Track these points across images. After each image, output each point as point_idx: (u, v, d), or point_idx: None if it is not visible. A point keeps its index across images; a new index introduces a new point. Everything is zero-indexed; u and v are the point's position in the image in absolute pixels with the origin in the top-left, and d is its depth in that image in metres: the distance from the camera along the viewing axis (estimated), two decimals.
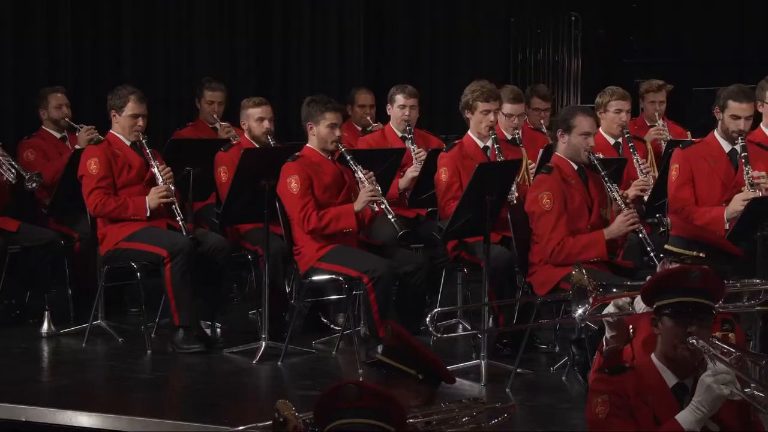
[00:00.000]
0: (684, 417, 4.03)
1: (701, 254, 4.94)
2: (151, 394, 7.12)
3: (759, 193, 7.12)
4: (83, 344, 8.01)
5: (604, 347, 4.75)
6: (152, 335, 8.03)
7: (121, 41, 10.98)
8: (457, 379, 6.39)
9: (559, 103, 12.99)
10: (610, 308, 4.79)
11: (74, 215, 8.51)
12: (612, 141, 8.58)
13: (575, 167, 7.28)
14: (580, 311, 4.78)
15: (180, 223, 7.78)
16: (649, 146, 8.81)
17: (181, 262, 7.68)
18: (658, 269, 5.12)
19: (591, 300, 4.88)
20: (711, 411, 4.03)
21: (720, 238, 5.75)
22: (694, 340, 4.11)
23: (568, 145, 7.25)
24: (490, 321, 7.70)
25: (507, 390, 6.95)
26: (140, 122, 8.00)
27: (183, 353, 7.73)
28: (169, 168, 7.95)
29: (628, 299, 4.84)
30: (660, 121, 9.25)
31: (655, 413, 4.12)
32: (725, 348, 4.32)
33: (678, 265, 4.85)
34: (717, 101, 7.49)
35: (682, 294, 4.20)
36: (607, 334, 4.75)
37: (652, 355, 4.29)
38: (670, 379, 4.21)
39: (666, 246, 5.16)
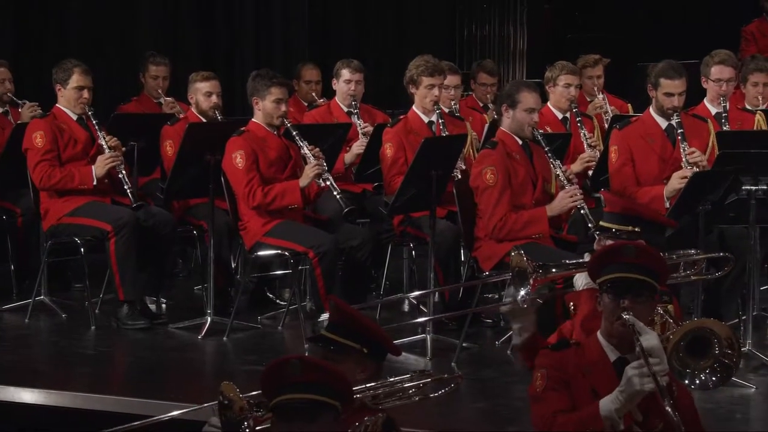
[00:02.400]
0: (604, 403, 4.05)
1: (636, 229, 4.98)
2: (95, 369, 7.08)
3: (696, 170, 7.18)
4: (26, 320, 7.95)
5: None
6: (96, 311, 7.98)
7: (65, 16, 10.85)
8: (403, 353, 6.42)
9: (506, 78, 13.02)
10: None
11: (17, 191, 8.42)
12: (560, 116, 8.62)
13: (520, 142, 7.31)
14: (522, 293, 4.80)
15: (128, 191, 7.71)
16: (596, 122, 8.86)
17: (125, 237, 7.64)
18: (594, 246, 5.14)
19: (532, 281, 4.91)
20: (630, 403, 4.03)
21: (652, 211, 5.81)
22: (627, 315, 4.13)
23: (513, 120, 7.27)
24: (436, 296, 7.73)
25: (452, 364, 6.98)
26: (85, 94, 7.94)
27: (127, 329, 7.69)
28: (115, 138, 7.88)
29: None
30: (599, 95, 9.30)
31: (594, 387, 4.15)
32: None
33: (613, 241, 4.88)
34: (648, 79, 7.52)
35: (619, 270, 4.23)
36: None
37: (598, 332, 4.32)
38: (612, 355, 4.24)
39: (600, 223, 5.20)
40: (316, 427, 3.67)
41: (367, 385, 4.13)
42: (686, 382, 4.06)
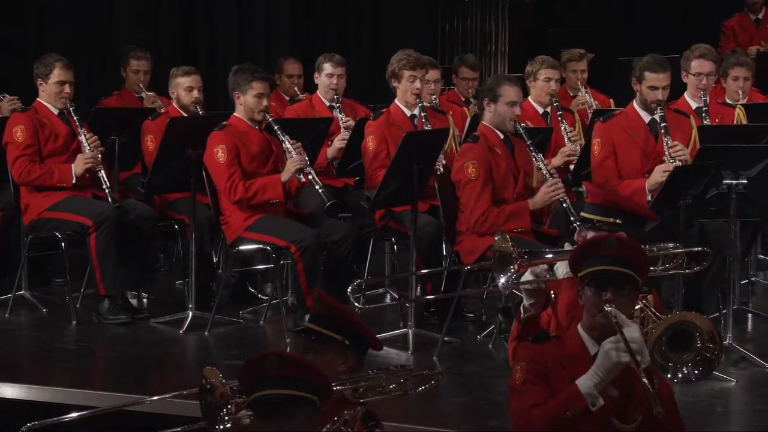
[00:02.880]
0: (582, 380, 4.06)
1: (617, 221, 4.99)
2: (76, 364, 7.07)
3: (679, 164, 7.20)
4: (7, 315, 7.91)
5: (522, 314, 4.78)
6: (77, 305, 7.96)
7: (46, 9, 10.81)
8: (384, 347, 6.45)
9: (487, 73, 13.03)
10: (527, 276, 4.80)
11: None
12: (541, 110, 8.64)
13: (501, 136, 7.31)
14: (503, 280, 4.80)
15: (107, 192, 7.70)
16: (577, 116, 8.88)
17: (106, 231, 7.62)
18: (575, 237, 5.14)
19: (516, 267, 4.91)
20: (608, 377, 4.03)
21: (633, 203, 5.81)
22: (609, 308, 4.13)
23: (495, 114, 7.28)
24: (418, 290, 7.73)
25: (434, 358, 6.99)
26: (67, 89, 7.92)
27: (108, 323, 7.67)
28: (96, 137, 7.87)
29: (545, 266, 4.86)
30: (582, 90, 9.33)
31: (574, 380, 4.14)
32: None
33: (594, 232, 4.89)
34: (633, 72, 7.55)
35: (601, 263, 4.23)
36: (525, 301, 4.77)
37: (579, 325, 4.32)
38: (592, 347, 4.24)
39: (582, 214, 5.21)
40: (294, 422, 3.67)
41: (348, 378, 4.13)
42: (669, 375, 4.06)
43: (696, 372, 4.05)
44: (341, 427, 3.78)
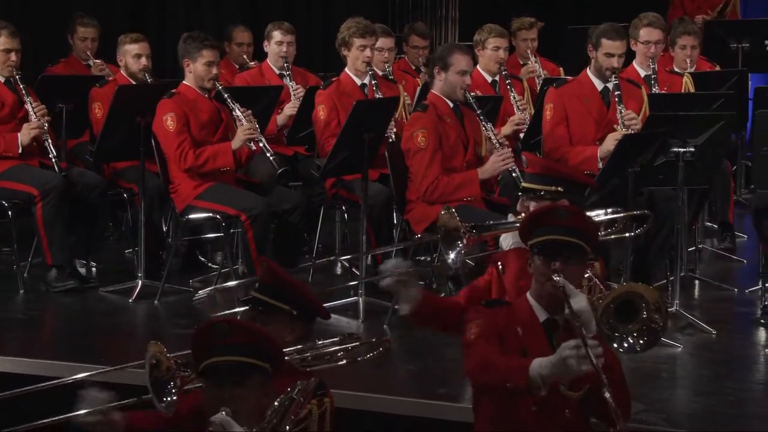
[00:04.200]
0: (535, 365, 4.00)
1: (559, 189, 5.02)
2: (24, 333, 7.03)
3: (631, 132, 7.25)
4: None
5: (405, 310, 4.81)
6: (25, 275, 7.91)
7: None
8: (334, 316, 6.46)
9: (437, 41, 13.01)
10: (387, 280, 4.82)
11: None
12: (489, 79, 8.66)
13: (451, 105, 7.32)
14: (452, 255, 4.80)
15: (53, 160, 7.64)
16: (526, 84, 8.90)
17: (53, 200, 7.56)
18: (517, 207, 5.16)
19: (464, 241, 4.93)
20: (560, 377, 4.01)
21: (572, 170, 5.86)
22: (557, 277, 4.15)
23: (445, 82, 7.28)
24: (369, 259, 7.74)
25: (384, 326, 7.01)
26: (13, 57, 7.84)
27: (57, 292, 7.63)
28: (43, 105, 7.80)
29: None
30: (532, 58, 9.35)
31: (524, 346, 4.17)
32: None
33: (536, 202, 4.91)
34: (590, 39, 7.59)
35: (550, 232, 4.24)
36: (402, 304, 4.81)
37: (528, 293, 4.34)
38: (541, 315, 4.27)
39: (523, 184, 5.24)
40: (246, 390, 3.67)
41: (296, 348, 4.13)
42: (614, 345, 4.08)
43: (641, 342, 4.07)
44: (293, 395, 3.78)
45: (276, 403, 3.73)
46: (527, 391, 4.02)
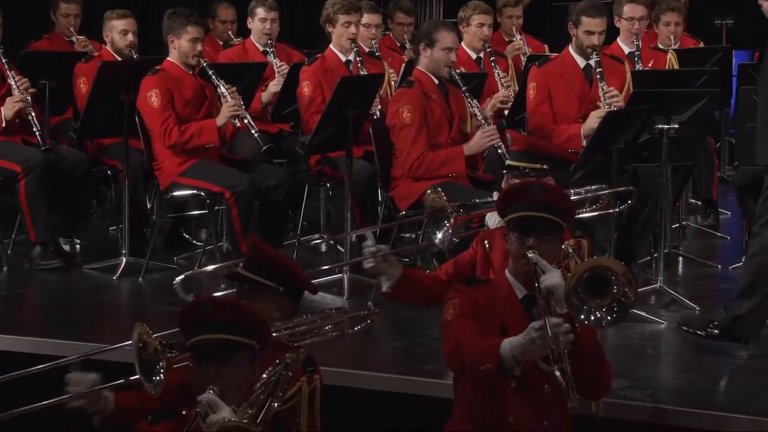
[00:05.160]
0: (506, 344, 3.99)
1: (544, 166, 5.02)
2: (7, 310, 6.99)
3: (613, 110, 7.24)
4: None
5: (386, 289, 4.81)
6: (8, 252, 7.89)
7: None
8: (320, 292, 6.44)
9: (422, 18, 12.98)
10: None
11: None
12: (474, 55, 8.64)
13: (436, 82, 7.31)
14: (440, 236, 4.77)
15: (37, 134, 7.60)
16: (510, 61, 8.89)
17: (36, 177, 7.53)
18: (502, 185, 5.17)
19: (451, 221, 4.92)
20: (529, 357, 4.01)
21: (556, 147, 5.87)
22: (531, 254, 4.14)
23: (430, 59, 7.27)
24: (353, 237, 7.73)
25: (369, 303, 6.99)
26: None
27: (40, 269, 7.61)
28: (26, 79, 7.75)
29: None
30: (517, 36, 9.34)
31: (504, 323, 4.17)
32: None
33: (521, 179, 4.91)
34: (570, 17, 7.58)
35: (524, 209, 4.23)
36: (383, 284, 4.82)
37: (506, 270, 4.34)
38: (520, 291, 4.27)
39: (508, 162, 5.24)
40: (232, 368, 3.67)
41: (284, 323, 4.13)
42: (582, 317, 4.03)
43: (609, 318, 4.02)
44: (282, 371, 3.78)
45: (264, 376, 3.73)
46: (500, 372, 4.01)
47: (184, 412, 3.76)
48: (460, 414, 4.31)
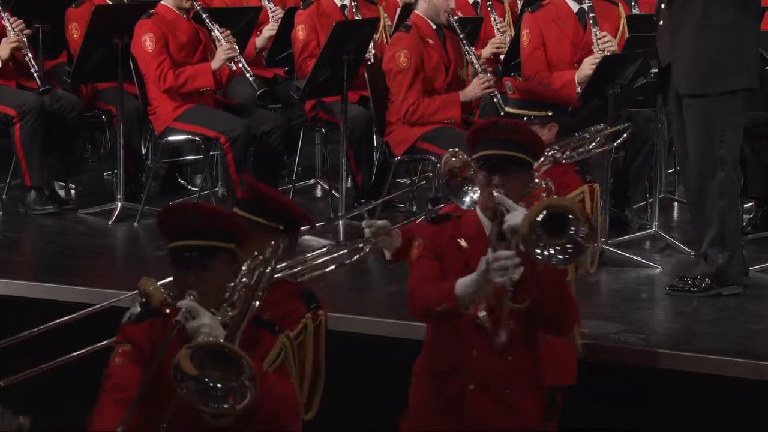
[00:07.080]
0: (460, 283, 3.96)
1: (548, 113, 5.00)
2: (3, 255, 6.99)
3: (608, 54, 7.20)
4: None
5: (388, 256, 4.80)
6: (3, 196, 7.88)
7: None
8: (314, 238, 6.46)
9: None
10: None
11: None
12: (470, 0, 8.59)
13: (434, 27, 7.29)
14: (467, 200, 4.66)
15: (35, 75, 7.55)
16: (507, 6, 8.84)
17: (31, 121, 7.50)
18: None
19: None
20: (483, 291, 3.98)
21: (552, 91, 5.83)
22: (496, 192, 4.12)
23: (429, 5, 7.25)
24: (349, 181, 7.73)
25: (365, 228, 6.98)
26: None
27: (36, 214, 7.61)
28: (21, 20, 7.70)
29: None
30: None
31: (468, 260, 4.15)
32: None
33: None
34: None
35: (490, 146, 4.20)
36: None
37: (477, 206, 4.32)
38: (488, 227, 4.24)
39: (507, 109, 5.21)
40: (211, 272, 3.63)
41: (286, 263, 4.09)
42: (536, 252, 3.98)
43: (560, 257, 3.98)
44: (261, 268, 3.73)
45: (244, 268, 3.70)
46: (457, 311, 4.02)
47: (168, 311, 3.73)
48: (427, 351, 4.33)
